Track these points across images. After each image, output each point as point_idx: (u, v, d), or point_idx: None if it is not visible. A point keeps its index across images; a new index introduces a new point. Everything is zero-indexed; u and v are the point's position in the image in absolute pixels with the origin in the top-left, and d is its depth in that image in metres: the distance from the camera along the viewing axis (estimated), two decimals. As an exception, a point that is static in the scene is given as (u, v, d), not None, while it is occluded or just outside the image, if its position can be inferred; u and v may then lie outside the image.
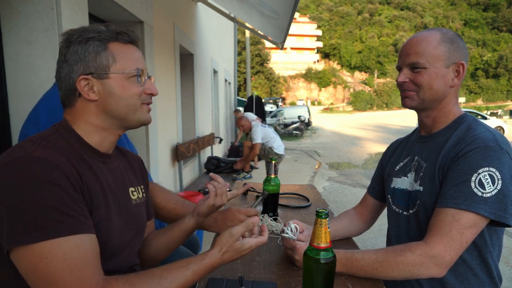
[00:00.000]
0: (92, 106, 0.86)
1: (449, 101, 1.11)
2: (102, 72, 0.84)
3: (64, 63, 0.84)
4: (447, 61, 1.06)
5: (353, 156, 10.47)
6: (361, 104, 53.56)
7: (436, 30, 1.10)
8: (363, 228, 1.41)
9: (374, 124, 24.99)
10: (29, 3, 1.65)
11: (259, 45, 43.69)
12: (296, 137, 16.17)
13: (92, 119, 0.86)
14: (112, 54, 0.85)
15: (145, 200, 1.06)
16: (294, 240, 1.11)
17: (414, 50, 1.08)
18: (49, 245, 0.69)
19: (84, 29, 0.85)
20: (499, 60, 62.81)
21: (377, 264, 0.99)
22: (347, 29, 78.22)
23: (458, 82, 1.09)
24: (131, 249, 0.96)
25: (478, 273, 1.06)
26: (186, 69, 5.04)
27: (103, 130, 0.88)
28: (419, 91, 1.09)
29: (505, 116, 36.12)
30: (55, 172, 0.73)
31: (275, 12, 3.78)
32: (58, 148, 0.79)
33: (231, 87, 11.14)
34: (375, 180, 1.40)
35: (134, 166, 1.05)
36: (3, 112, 1.69)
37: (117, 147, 1.00)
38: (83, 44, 0.83)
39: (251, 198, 1.88)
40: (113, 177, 0.91)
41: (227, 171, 5.23)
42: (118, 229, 0.88)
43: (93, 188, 0.81)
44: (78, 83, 0.83)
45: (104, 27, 0.85)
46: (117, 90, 0.85)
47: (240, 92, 19.60)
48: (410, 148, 1.25)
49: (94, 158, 0.87)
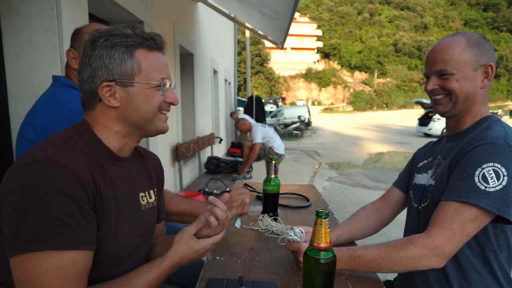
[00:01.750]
0: (112, 112, 0.85)
1: (479, 102, 1.13)
2: (126, 80, 0.83)
3: (87, 66, 0.83)
4: (474, 65, 1.08)
5: (353, 156, 10.46)
6: (361, 104, 53.52)
7: (460, 35, 1.11)
8: (379, 226, 1.38)
9: (374, 124, 24.99)
10: (29, 3, 1.65)
11: (259, 45, 43.66)
12: (296, 137, 16.16)
13: (112, 124, 0.86)
14: (137, 62, 0.83)
15: (156, 204, 1.04)
16: (300, 242, 1.10)
17: (441, 57, 1.10)
18: (48, 256, 0.69)
19: (110, 32, 0.83)
20: (499, 60, 62.75)
21: (380, 260, 1.00)
22: (347, 29, 78.18)
23: (488, 83, 1.11)
24: (139, 254, 0.96)
25: (480, 271, 1.06)
26: (186, 69, 5.04)
27: (122, 136, 0.88)
28: (451, 96, 1.11)
29: (505, 116, 36.05)
30: (71, 180, 0.73)
31: (275, 12, 3.77)
32: (78, 151, 0.79)
33: (231, 87, 11.13)
34: (403, 173, 1.40)
35: (150, 167, 1.04)
36: (3, 112, 1.69)
37: (137, 148, 1.00)
38: (109, 49, 0.81)
39: (251, 198, 1.88)
40: (126, 182, 0.91)
41: (227, 171, 5.23)
42: (127, 234, 0.88)
43: (106, 196, 0.82)
44: (100, 89, 0.82)
45: (131, 30, 0.84)
46: (140, 99, 0.85)
47: (240, 92, 19.59)
48: (436, 147, 1.29)
49: (111, 162, 0.87)
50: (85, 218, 0.74)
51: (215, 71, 7.57)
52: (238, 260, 1.13)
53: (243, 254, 1.17)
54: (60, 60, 1.68)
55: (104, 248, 0.81)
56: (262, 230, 1.39)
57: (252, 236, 1.34)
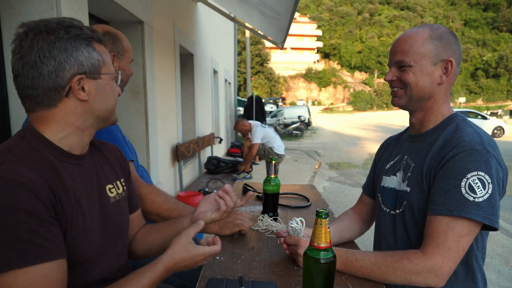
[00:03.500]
0: (78, 107, 0.82)
1: (438, 99, 1.09)
2: (95, 73, 0.83)
3: (47, 59, 0.76)
4: (434, 59, 1.05)
5: (353, 156, 10.47)
6: (361, 104, 53.54)
7: (426, 27, 1.08)
8: (364, 229, 1.40)
9: (374, 124, 24.98)
10: (29, 3, 1.65)
11: (259, 45, 43.68)
12: (296, 137, 16.16)
13: (73, 120, 0.82)
14: (100, 55, 0.84)
15: (126, 194, 1.02)
16: (301, 230, 1.11)
17: (401, 48, 1.07)
18: (14, 275, 0.66)
19: (60, 22, 0.79)
20: (499, 60, 62.78)
21: (375, 267, 0.99)
22: (347, 29, 78.20)
23: (447, 80, 1.07)
24: (114, 251, 0.93)
25: (460, 277, 1.05)
26: (186, 69, 5.04)
27: (81, 131, 0.84)
28: (406, 89, 1.09)
29: (505, 116, 36.11)
30: (22, 193, 0.68)
31: (275, 11, 3.78)
32: (26, 160, 0.74)
33: (231, 87, 11.13)
34: (370, 178, 1.39)
35: (111, 159, 1.01)
36: (3, 112, 1.69)
37: (91, 142, 0.95)
38: (73, 41, 0.79)
39: (251, 198, 1.88)
40: (87, 179, 0.88)
41: (227, 171, 5.23)
42: (97, 233, 0.86)
43: (67, 201, 0.78)
44: (73, 83, 0.79)
45: (76, 22, 0.82)
46: (107, 91, 0.86)
47: (240, 92, 19.61)
48: (400, 146, 1.24)
49: (66, 162, 0.82)
50: (46, 228, 0.71)
51: (215, 71, 7.58)
52: (238, 260, 1.13)
53: (243, 254, 1.17)
54: (60, 60, 1.68)
55: (78, 252, 0.79)
56: (262, 230, 1.40)
57: (252, 236, 1.34)
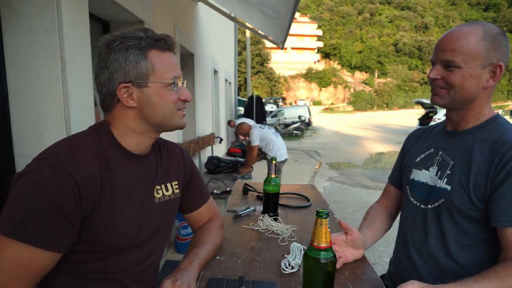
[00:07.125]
0: (130, 112, 0.90)
1: (481, 102, 1.06)
2: (142, 81, 0.87)
3: (104, 70, 0.87)
4: (484, 62, 1.00)
5: (353, 156, 10.46)
6: (361, 104, 53.48)
7: (479, 26, 1.02)
8: (391, 224, 1.37)
9: (375, 124, 24.97)
10: (29, 3, 1.65)
11: (260, 45, 43.64)
12: (297, 137, 16.16)
13: (130, 123, 0.90)
14: (151, 63, 0.87)
15: (177, 196, 1.08)
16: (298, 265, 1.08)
17: (451, 46, 1.01)
18: (10, 242, 0.76)
19: (124, 35, 0.87)
20: (499, 60, 62.57)
21: None
22: (347, 29, 78.13)
23: (493, 84, 1.04)
24: (152, 244, 1.00)
25: None
26: (187, 69, 5.04)
27: (140, 134, 0.92)
28: (450, 90, 1.05)
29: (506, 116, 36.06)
30: (64, 183, 0.77)
31: (276, 11, 3.77)
32: (89, 151, 0.85)
33: (232, 87, 11.13)
34: (396, 169, 1.36)
35: (168, 161, 1.07)
36: (3, 112, 1.69)
37: (157, 142, 1.05)
38: (124, 52, 0.85)
39: (251, 198, 1.88)
40: (140, 178, 0.96)
41: (228, 171, 5.22)
42: (132, 229, 0.92)
43: (110, 195, 0.86)
44: (118, 90, 0.86)
45: (143, 33, 0.88)
46: (155, 99, 0.89)
47: (240, 92, 19.58)
48: (433, 140, 1.21)
49: (126, 160, 0.91)
50: (60, 221, 0.78)
51: (216, 71, 7.58)
52: (238, 260, 1.13)
53: (243, 254, 1.17)
54: (60, 60, 1.68)
55: (110, 242, 0.88)
56: (262, 230, 1.39)
57: (252, 236, 1.34)
